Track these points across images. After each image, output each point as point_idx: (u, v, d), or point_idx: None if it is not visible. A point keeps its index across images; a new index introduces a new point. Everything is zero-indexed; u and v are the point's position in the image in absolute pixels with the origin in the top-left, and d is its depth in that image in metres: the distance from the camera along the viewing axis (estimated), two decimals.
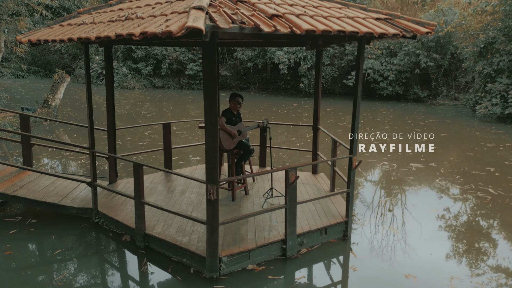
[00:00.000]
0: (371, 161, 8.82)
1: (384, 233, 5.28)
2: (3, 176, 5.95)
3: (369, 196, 6.68)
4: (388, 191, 6.94)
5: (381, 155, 9.37)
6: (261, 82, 25.13)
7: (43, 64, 32.67)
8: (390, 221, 5.66)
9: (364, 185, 7.25)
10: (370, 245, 4.97)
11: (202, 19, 2.92)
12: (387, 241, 5.05)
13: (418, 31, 4.03)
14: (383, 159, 9.03)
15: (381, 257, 4.69)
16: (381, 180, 7.60)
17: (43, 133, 11.68)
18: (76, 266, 4.39)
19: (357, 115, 4.79)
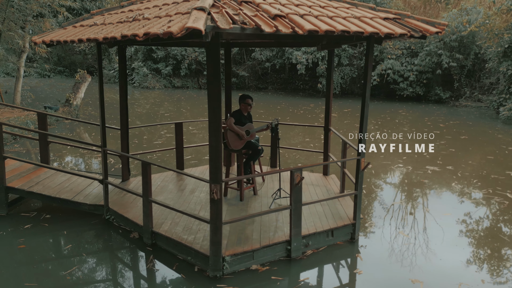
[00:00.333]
0: (386, 163, 8.67)
1: (393, 237, 5.19)
2: (20, 172, 6.16)
3: (381, 199, 6.57)
4: (401, 194, 6.81)
5: (397, 156, 9.20)
6: (279, 82, 25.09)
7: (68, 64, 33.57)
8: (401, 225, 5.55)
9: (376, 187, 7.14)
10: (378, 249, 4.89)
11: (202, 19, 2.95)
12: (396, 245, 4.95)
13: (427, 31, 3.94)
14: (398, 161, 8.86)
15: (388, 261, 4.61)
16: (395, 183, 7.47)
17: (64, 131, 12.02)
18: (84, 261, 4.51)
19: (365, 116, 4.73)
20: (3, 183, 5.56)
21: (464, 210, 6.12)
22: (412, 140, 11.07)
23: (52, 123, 12.51)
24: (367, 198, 6.56)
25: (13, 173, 6.07)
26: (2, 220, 5.46)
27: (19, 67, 13.81)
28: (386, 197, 6.63)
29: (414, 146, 10.06)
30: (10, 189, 5.61)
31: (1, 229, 5.19)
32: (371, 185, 7.22)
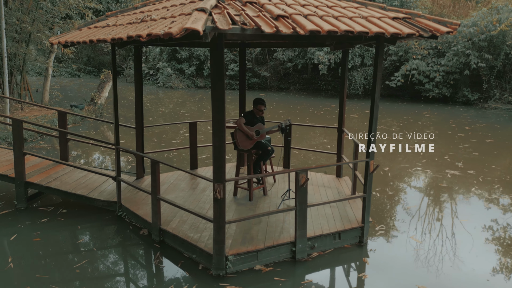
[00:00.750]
0: (404, 166, 8.47)
1: (404, 242, 5.07)
2: (40, 168, 6.40)
3: (395, 203, 6.42)
4: (416, 198, 6.63)
5: (416, 159, 8.97)
6: (301, 82, 24.94)
7: (97, 64, 34.58)
8: (413, 230, 5.41)
9: (391, 190, 6.98)
10: (387, 253, 4.79)
11: (201, 20, 2.98)
12: (406, 251, 4.83)
13: (438, 31, 3.83)
14: (416, 164, 8.64)
15: (396, 266, 4.51)
16: (411, 186, 7.28)
17: (88, 129, 12.40)
18: (94, 255, 4.64)
19: (375, 118, 4.64)
20: (23, 178, 5.79)
21: (482, 216, 5.90)
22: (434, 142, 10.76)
23: (77, 121, 12.94)
24: (381, 201, 6.43)
25: (33, 168, 6.32)
26: (21, 214, 5.70)
27: (48, 67, 14.37)
28: (401, 201, 6.48)
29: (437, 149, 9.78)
30: (30, 184, 5.85)
31: (19, 222, 5.42)
32: (386, 188, 7.07)
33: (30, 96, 14.16)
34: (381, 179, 7.58)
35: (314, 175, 6.82)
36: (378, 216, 5.87)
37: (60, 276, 4.17)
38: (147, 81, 27.23)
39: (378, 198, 6.57)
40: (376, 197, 6.61)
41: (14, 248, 4.75)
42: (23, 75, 13.40)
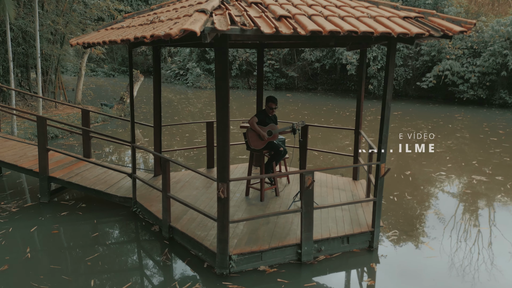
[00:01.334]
0: (427, 170, 8.18)
1: (417, 249, 4.90)
2: (64, 163, 6.69)
3: (412, 208, 6.22)
4: (435, 204, 6.39)
5: (441, 163, 8.65)
6: (330, 83, 24.64)
7: None
8: (429, 237, 5.22)
9: (410, 195, 6.76)
10: (398, 260, 4.66)
11: (200, 21, 3.02)
12: (417, 258, 4.68)
13: (451, 30, 3.68)
14: (441, 168, 8.32)
15: (405, 273, 4.37)
16: (432, 192, 7.02)
17: (116, 127, 12.82)
18: (106, 249, 4.80)
19: (386, 119, 4.52)
20: (46, 173, 6.08)
21: (504, 225, 5.60)
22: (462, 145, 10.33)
23: (107, 119, 13.41)
24: (397, 206, 6.25)
25: (57, 164, 6.62)
26: (44, 207, 5.98)
27: (81, 67, 14.99)
28: (419, 206, 6.26)
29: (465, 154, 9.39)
30: (52, 178, 6.13)
31: (41, 214, 5.69)
32: (404, 192, 6.86)
33: (64, 94, 14.82)
34: (401, 183, 7.37)
35: (330, 177, 6.73)
36: (393, 221, 5.71)
37: (72, 268, 4.35)
38: (177, 81, 27.82)
39: (395, 202, 6.39)
40: (393, 201, 6.43)
41: (33, 239, 5.00)
42: (58, 75, 14.04)
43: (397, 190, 6.93)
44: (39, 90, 10.56)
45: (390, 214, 5.91)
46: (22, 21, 11.69)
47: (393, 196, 6.61)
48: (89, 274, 4.23)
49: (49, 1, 12.51)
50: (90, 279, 4.13)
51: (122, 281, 4.10)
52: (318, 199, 5.72)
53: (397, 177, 7.70)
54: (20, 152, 6.73)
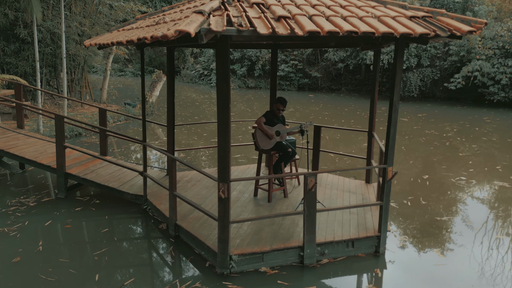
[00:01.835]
0: (446, 174, 7.90)
1: (426, 256, 4.74)
2: (81, 160, 6.91)
3: (426, 213, 6.02)
4: (450, 211, 6.17)
5: (462, 168, 8.33)
6: (354, 83, 24.25)
7: (157, 65, 36.32)
8: (439, 244, 5.05)
9: (425, 200, 6.55)
10: (404, 266, 4.52)
11: (196, 23, 3.04)
12: (426, 265, 4.53)
13: (459, 30, 3.54)
14: (462, 173, 8.02)
15: (411, 280, 4.24)
16: (448, 197, 6.77)
17: (137, 126, 13.10)
18: (114, 245, 4.92)
19: (393, 122, 4.39)
20: (63, 169, 6.30)
21: None
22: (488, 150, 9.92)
23: (128, 118, 13.73)
24: (410, 211, 6.07)
25: (75, 160, 6.84)
26: (60, 202, 6.20)
27: (106, 68, 15.44)
28: (433, 212, 6.06)
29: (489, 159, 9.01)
30: (69, 175, 6.34)
31: (56, 209, 5.90)
32: (420, 197, 6.65)
33: (90, 93, 15.30)
34: (417, 187, 7.15)
35: (342, 180, 6.62)
36: (404, 226, 5.55)
37: (80, 262, 4.48)
38: (201, 81, 28.16)
39: (408, 207, 6.21)
40: (407, 206, 6.25)
41: (47, 233, 5.19)
42: (84, 74, 14.52)
43: (412, 194, 6.74)
44: (64, 89, 10.96)
45: (402, 219, 5.76)
46: (51, 23, 12.17)
47: (407, 201, 6.43)
48: (95, 268, 4.35)
49: (76, 4, 12.95)
50: (96, 273, 4.25)
51: (126, 277, 4.20)
52: (327, 201, 5.65)
53: (413, 181, 7.49)
54: (41, 149, 7.00)
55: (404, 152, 9.73)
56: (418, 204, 6.34)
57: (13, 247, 4.78)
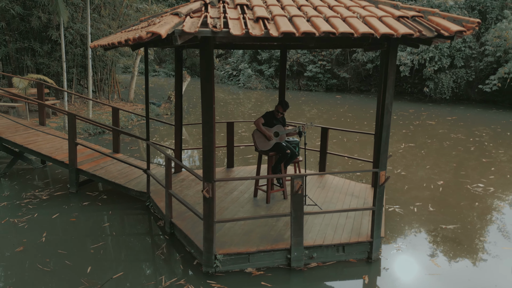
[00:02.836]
0: (463, 181, 7.54)
1: (423, 264, 4.56)
2: (93, 157, 7.20)
3: (431, 220, 5.77)
4: (458, 219, 5.87)
5: (481, 175, 7.91)
6: None
7: (189, 65, 37.08)
8: (438, 252, 4.83)
9: (434, 206, 6.27)
10: (397, 274, 4.37)
11: (170, 24, 3.10)
12: (420, 273, 4.35)
13: (447, 30, 3.40)
14: (480, 180, 7.61)
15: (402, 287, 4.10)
16: (460, 205, 6.44)
17: (157, 124, 13.43)
18: (111, 239, 5.10)
19: (386, 125, 4.26)
20: (75, 165, 6.59)
21: None
22: None
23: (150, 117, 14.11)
24: (415, 217, 5.85)
25: (88, 157, 7.14)
26: (71, 196, 6.49)
27: (134, 68, 15.97)
28: (439, 220, 5.80)
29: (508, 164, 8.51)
30: (80, 170, 6.63)
31: (66, 203, 6.19)
32: (428, 203, 6.39)
33: (118, 93, 15.87)
34: (428, 193, 6.88)
35: (348, 183, 6.49)
36: (405, 233, 5.36)
37: (76, 254, 4.68)
38: (230, 82, 28.45)
39: (414, 213, 5.98)
40: (412, 212, 6.03)
41: (52, 225, 5.45)
42: (112, 74, 15.09)
43: (421, 200, 6.49)
44: (89, 89, 11.44)
45: (403, 225, 5.56)
46: (80, 25, 12.75)
47: (414, 207, 6.20)
48: (89, 261, 4.53)
49: (105, 7, 13.48)
50: (88, 265, 4.42)
51: (115, 270, 4.33)
52: (327, 204, 5.57)
53: (426, 186, 7.20)
54: (58, 145, 7.36)
55: (422, 156, 9.38)
56: (425, 210, 6.09)
57: (19, 237, 5.07)
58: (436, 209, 6.14)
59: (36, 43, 12.92)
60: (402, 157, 9.26)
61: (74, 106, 13.76)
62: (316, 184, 6.45)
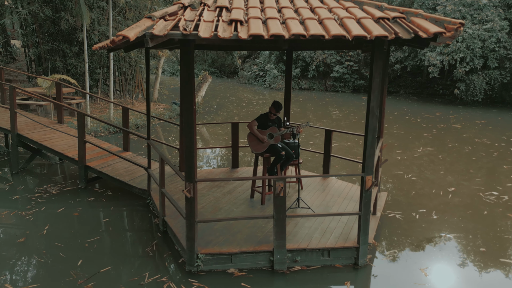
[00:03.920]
0: (478, 188, 7.18)
1: (411, 273, 4.40)
2: (102, 155, 7.47)
3: (431, 229, 5.53)
4: (461, 227, 5.61)
5: (498, 183, 7.51)
6: (414, 86, 22.90)
7: (219, 66, 37.51)
8: (430, 262, 4.65)
9: (438, 214, 6.02)
10: (383, 282, 4.25)
11: (140, 27, 3.19)
12: (407, 282, 4.20)
13: (426, 31, 3.29)
14: (496, 188, 7.22)
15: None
16: (466, 213, 6.14)
17: None
18: (107, 234, 5.28)
19: (371, 128, 4.15)
20: (84, 162, 6.88)
21: None
22: None
23: (173, 116, 14.43)
24: (414, 225, 5.64)
25: (98, 154, 7.42)
26: (79, 192, 6.78)
27: (158, 68, 16.40)
28: (440, 228, 5.56)
29: None
30: (88, 167, 6.91)
31: (72, 198, 6.47)
32: (433, 210, 6.14)
33: (143, 92, 16.35)
34: (436, 199, 6.61)
35: (349, 186, 6.38)
36: (400, 240, 5.19)
37: (71, 247, 4.89)
38: (257, 82, 28.52)
39: (414, 220, 5.78)
40: (413, 219, 5.82)
41: (55, 219, 5.72)
42: (136, 75, 15.57)
43: (425, 207, 6.25)
44: (110, 89, 11.88)
45: (400, 232, 5.39)
46: (105, 27, 13.25)
47: (416, 214, 5.98)
48: (81, 254, 4.72)
49: (130, 10, 13.94)
50: (80, 258, 4.61)
51: (103, 265, 4.49)
52: (322, 208, 5.50)
53: (435, 192, 6.93)
54: (71, 142, 7.70)
55: (439, 161, 9.02)
56: (427, 218, 5.86)
57: (23, 229, 5.36)
58: (439, 217, 5.89)
59: (65, 45, 13.56)
60: (416, 161, 8.95)
61: (99, 105, 14.32)
62: (317, 187, 6.38)
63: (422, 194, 6.86)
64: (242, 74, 30.90)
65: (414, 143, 10.78)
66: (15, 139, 7.55)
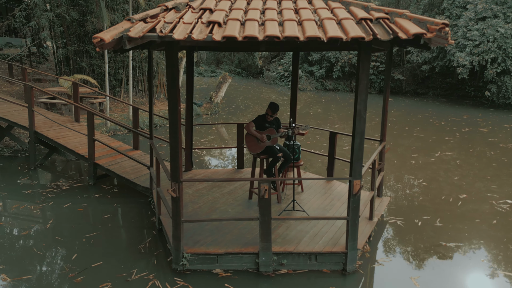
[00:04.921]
0: (489, 196, 6.82)
1: (402, 282, 4.26)
2: (112, 153, 7.69)
3: (431, 238, 5.31)
4: (465, 236, 5.35)
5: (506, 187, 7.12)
6: (444, 87, 22.05)
7: (245, 67, 37.67)
8: (423, 271, 4.47)
9: (442, 222, 5.76)
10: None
11: (117, 29, 3.27)
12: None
13: (406, 32, 3.18)
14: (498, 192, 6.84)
15: None
16: (473, 222, 5.84)
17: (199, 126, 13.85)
18: (105, 230, 5.44)
19: (358, 132, 4.04)
20: (93, 159, 7.11)
21: None
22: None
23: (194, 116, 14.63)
24: (414, 232, 5.43)
25: (108, 152, 7.66)
26: (88, 188, 7.02)
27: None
28: (442, 236, 5.32)
29: None
30: (97, 164, 7.14)
31: (80, 194, 6.71)
32: (437, 218, 5.89)
33: (164, 93, 16.70)
34: (443, 206, 6.34)
35: None
36: (395, 247, 5.03)
37: (70, 241, 5.08)
38: (281, 83, 28.41)
39: (416, 227, 5.57)
40: (415, 226, 5.62)
41: (60, 213, 5.96)
42: (159, 76, 15.91)
43: (431, 214, 6.01)
44: (130, 89, 12.21)
45: (398, 239, 5.22)
46: None
47: (419, 221, 5.77)
48: (77, 248, 4.89)
49: None
50: (75, 253, 4.78)
51: (96, 260, 4.63)
52: (318, 211, 5.43)
53: (444, 199, 6.65)
54: (84, 140, 7.97)
55: (455, 166, 8.65)
56: (430, 225, 5.64)
57: (29, 223, 5.62)
58: (443, 225, 5.65)
59: (90, 46, 14.07)
60: (431, 166, 8.62)
61: (122, 104, 14.74)
62: (318, 190, 6.29)
63: (429, 200, 6.60)
64: (267, 75, 30.87)
65: (433, 147, 10.39)
66: (33, 136, 7.91)
